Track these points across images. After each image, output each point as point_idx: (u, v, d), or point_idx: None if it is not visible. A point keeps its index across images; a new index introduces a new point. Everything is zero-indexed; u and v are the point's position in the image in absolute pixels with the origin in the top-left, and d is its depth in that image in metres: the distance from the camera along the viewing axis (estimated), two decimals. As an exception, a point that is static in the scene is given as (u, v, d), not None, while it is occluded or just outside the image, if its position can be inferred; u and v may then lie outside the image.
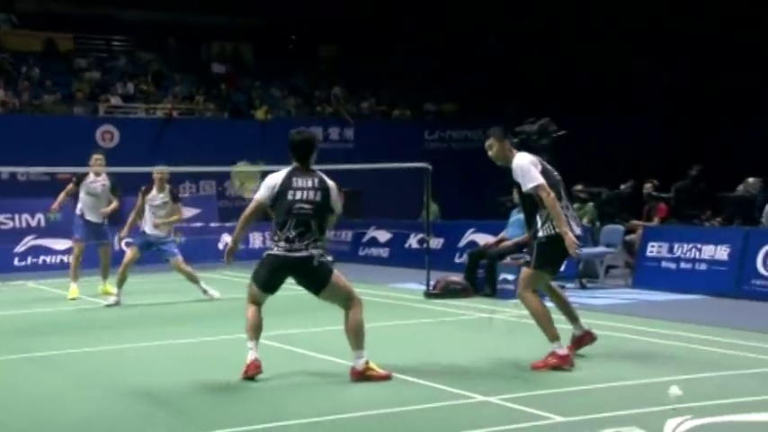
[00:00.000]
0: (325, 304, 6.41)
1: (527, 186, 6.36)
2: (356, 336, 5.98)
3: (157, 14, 24.69)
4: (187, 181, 20.74)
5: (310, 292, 6.10)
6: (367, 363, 5.99)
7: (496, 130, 6.60)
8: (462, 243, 14.90)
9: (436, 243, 14.93)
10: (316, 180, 6.07)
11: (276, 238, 5.96)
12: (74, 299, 11.62)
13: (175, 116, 21.95)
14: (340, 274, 6.13)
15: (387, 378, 5.97)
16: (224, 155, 18.22)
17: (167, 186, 11.18)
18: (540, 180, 6.32)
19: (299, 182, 6.05)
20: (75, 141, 17.89)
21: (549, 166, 6.57)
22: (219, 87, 23.84)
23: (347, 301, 6.04)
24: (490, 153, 6.59)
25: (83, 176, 11.71)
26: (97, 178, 11.75)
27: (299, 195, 6.00)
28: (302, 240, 5.90)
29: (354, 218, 18.81)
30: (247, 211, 6.19)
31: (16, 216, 16.88)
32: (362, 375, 5.95)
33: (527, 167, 6.37)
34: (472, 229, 14.92)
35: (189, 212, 17.72)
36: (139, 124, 21.39)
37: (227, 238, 17.55)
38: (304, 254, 5.87)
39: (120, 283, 11.01)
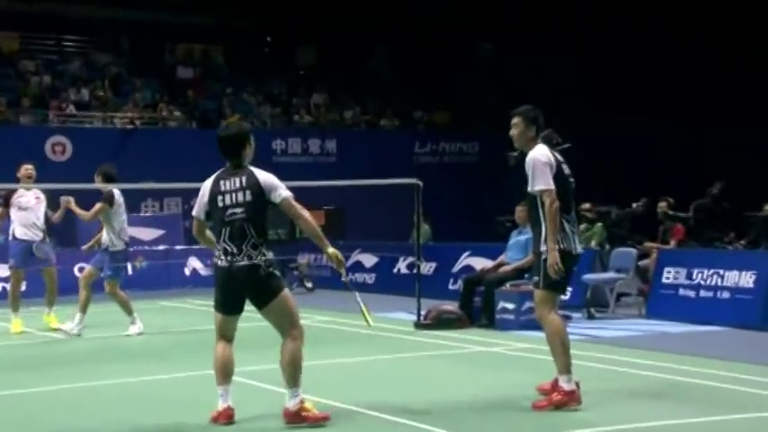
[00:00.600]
0: (312, 333, 6.37)
1: (533, 187, 6.48)
2: (292, 371, 5.93)
3: (115, 11, 24.84)
4: (149, 198, 20.87)
5: (255, 308, 6.04)
6: (302, 402, 5.98)
7: (528, 111, 6.74)
8: (457, 268, 14.94)
9: (428, 268, 14.96)
10: (243, 178, 6.00)
11: (217, 251, 6.00)
12: (19, 333, 11.60)
13: (136, 126, 22.04)
14: (291, 295, 6.09)
15: (324, 419, 5.97)
16: (191, 169, 17.56)
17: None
18: (549, 185, 6.41)
19: (226, 184, 6.03)
20: (22, 154, 17.19)
21: (567, 171, 6.65)
22: (186, 94, 24.03)
23: (290, 327, 5.97)
24: (512, 132, 6.72)
25: (10, 193, 11.66)
26: (27, 192, 11.69)
27: (228, 200, 5.99)
28: (240, 249, 5.89)
29: (337, 239, 18.78)
30: (194, 231, 6.30)
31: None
32: (296, 417, 5.94)
33: (540, 167, 6.47)
34: (467, 253, 14.96)
35: (152, 234, 18.13)
36: (95, 135, 21.38)
37: (194, 263, 17.82)
38: (246, 262, 5.87)
39: (84, 308, 11.03)
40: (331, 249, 6.00)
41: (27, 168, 11.63)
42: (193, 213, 6.21)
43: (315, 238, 5.94)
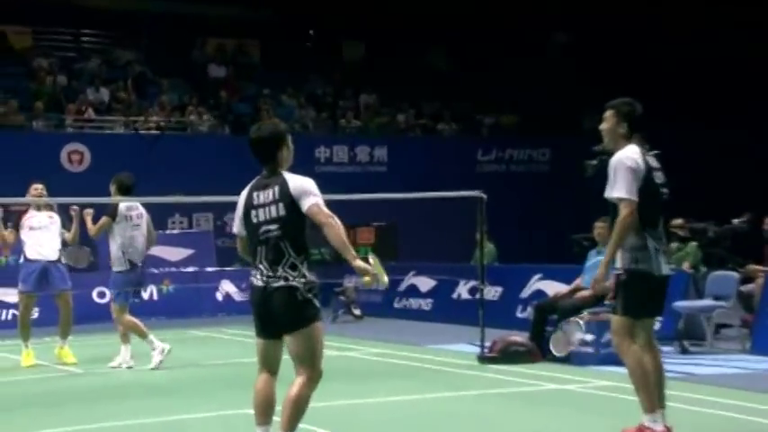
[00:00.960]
0: (362, 367, 6.29)
1: (611, 192, 6.49)
2: (294, 413, 5.90)
3: (139, 2, 25.15)
4: (177, 213, 20.96)
5: (282, 332, 6.00)
6: None
7: (622, 104, 6.77)
8: (526, 293, 14.90)
9: (492, 293, 14.94)
10: (276, 189, 6.01)
11: (253, 270, 6.08)
12: (30, 366, 11.73)
13: (163, 132, 22.15)
14: (322, 331, 6.04)
15: None
16: (224, 180, 17.57)
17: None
18: (631, 194, 6.40)
19: (259, 197, 6.06)
20: (35, 164, 18.30)
21: (660, 179, 6.62)
22: (218, 95, 24.28)
23: (308, 366, 5.95)
24: (601, 126, 6.78)
25: (19, 215, 11.95)
26: (38, 212, 11.92)
27: (261, 215, 6.02)
28: (276, 270, 5.91)
29: (388, 260, 18.84)
30: (238, 249, 6.34)
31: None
32: None
33: (624, 171, 6.46)
34: (538, 276, 14.90)
35: (179, 253, 18.32)
36: (116, 142, 21.52)
37: (227, 287, 18.03)
38: (283, 284, 5.89)
39: (129, 336, 11.17)
40: (358, 261, 5.88)
41: (36, 189, 11.81)
42: (234, 231, 6.27)
43: (340, 246, 5.83)
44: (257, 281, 6.00)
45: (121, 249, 11.05)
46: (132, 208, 11.21)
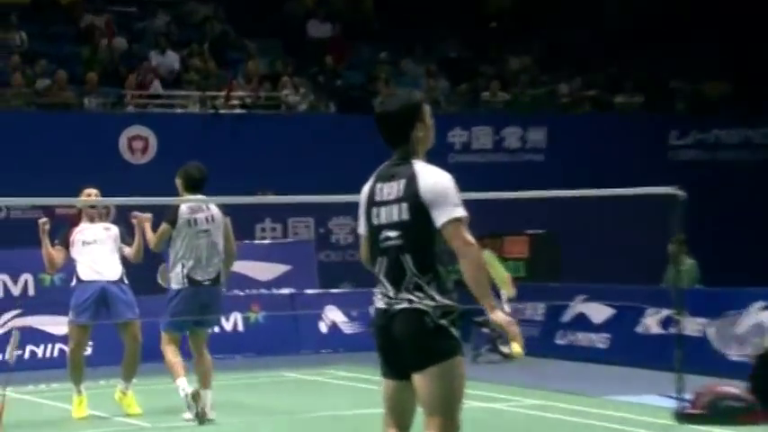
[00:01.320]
0: (514, 424, 6.21)
1: None
2: None
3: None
4: (267, 218, 21.02)
5: (407, 369, 6.00)
6: None
7: None
8: (742, 327, 14.59)
9: (694, 326, 14.64)
10: (402, 183, 6.06)
11: (376, 287, 6.16)
12: (83, 418, 11.84)
13: (249, 109, 22.17)
14: (463, 370, 6.01)
15: None
16: (328, 173, 18.50)
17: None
18: None
19: (383, 190, 6.14)
20: (86, 154, 18.40)
21: None
22: (321, 61, 24.14)
23: (441, 416, 5.94)
24: None
25: (67, 231, 12.20)
26: (91, 225, 12.21)
27: (383, 216, 6.12)
28: (398, 289, 5.97)
29: (549, 280, 18.73)
30: (362, 256, 6.38)
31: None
32: None
33: None
34: (760, 303, 14.60)
35: (271, 271, 18.36)
36: (189, 124, 21.66)
37: (333, 314, 18.09)
38: (406, 306, 5.93)
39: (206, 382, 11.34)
40: (498, 314, 5.95)
41: (89, 194, 12.11)
42: (360, 231, 6.34)
43: (475, 290, 5.86)
44: (379, 301, 6.07)
45: (181, 262, 11.25)
46: (198, 209, 11.38)
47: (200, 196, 11.42)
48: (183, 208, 11.31)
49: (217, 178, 11.76)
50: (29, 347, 16.37)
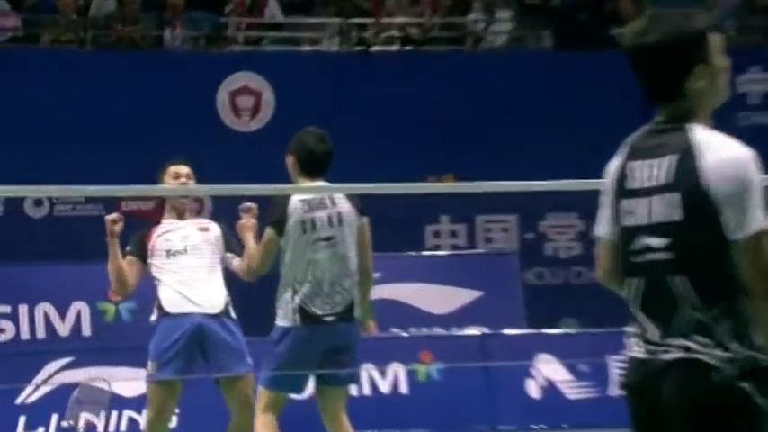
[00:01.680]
0: None
1: None
2: None
3: None
4: (444, 217, 18.69)
5: None
6: None
7: None
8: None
9: None
10: (671, 161, 5.07)
11: (630, 325, 5.51)
12: None
13: (416, 45, 19.95)
14: None
15: None
16: (541, 147, 17.40)
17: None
18: None
19: (641, 173, 5.21)
20: (166, 117, 17.19)
21: None
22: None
23: None
24: None
25: (143, 233, 11.02)
26: (180, 222, 11.04)
27: (639, 213, 5.28)
28: (667, 330, 5.13)
29: None
30: (599, 274, 5.49)
31: (21, 309, 15.53)
32: None
33: None
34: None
35: (449, 299, 16.33)
36: (323, 69, 19.30)
37: (548, 368, 15.79)
38: (681, 355, 5.08)
39: None
40: None
41: (179, 175, 10.94)
42: (598, 233, 5.44)
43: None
44: (634, 347, 5.37)
45: (291, 287, 10.27)
46: (318, 205, 10.23)
47: (322, 183, 10.22)
48: (295, 203, 10.13)
49: (361, 155, 11.23)
50: (83, 416, 14.62)
